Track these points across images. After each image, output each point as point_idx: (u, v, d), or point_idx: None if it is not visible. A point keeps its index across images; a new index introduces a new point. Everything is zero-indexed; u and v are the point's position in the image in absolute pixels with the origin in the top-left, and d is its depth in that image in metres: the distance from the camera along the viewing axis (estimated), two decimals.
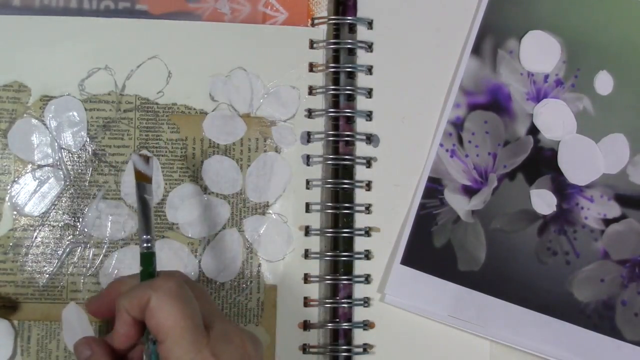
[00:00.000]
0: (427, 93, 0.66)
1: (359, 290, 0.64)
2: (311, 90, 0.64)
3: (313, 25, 0.65)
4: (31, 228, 0.61)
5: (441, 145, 0.65)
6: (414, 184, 0.65)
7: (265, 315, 0.62)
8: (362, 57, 0.65)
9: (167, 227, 0.62)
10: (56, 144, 0.61)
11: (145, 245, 0.52)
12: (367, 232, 0.64)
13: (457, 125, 0.65)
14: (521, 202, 0.65)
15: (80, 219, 0.61)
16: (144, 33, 0.63)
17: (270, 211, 0.63)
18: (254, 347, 0.52)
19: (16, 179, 0.61)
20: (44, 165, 0.61)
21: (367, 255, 0.64)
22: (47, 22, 0.62)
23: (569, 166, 0.65)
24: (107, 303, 0.55)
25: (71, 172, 0.61)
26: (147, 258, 0.52)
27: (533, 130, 0.65)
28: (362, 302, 0.64)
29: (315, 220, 0.64)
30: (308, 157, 0.64)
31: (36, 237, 0.61)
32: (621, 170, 0.65)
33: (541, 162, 0.65)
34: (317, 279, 0.63)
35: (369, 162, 0.65)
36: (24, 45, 0.62)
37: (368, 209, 0.64)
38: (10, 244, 0.61)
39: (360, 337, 0.64)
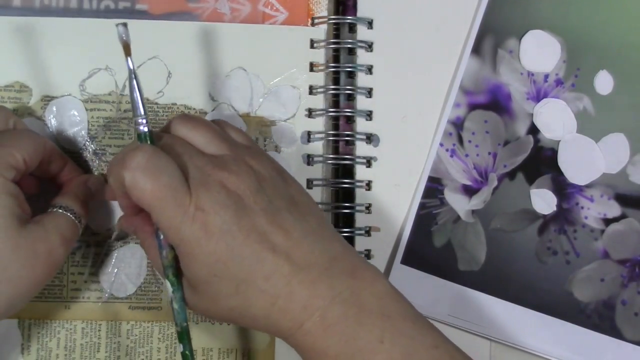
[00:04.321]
0: (427, 93, 0.66)
1: None
2: (311, 90, 0.64)
3: (313, 25, 0.65)
4: None
5: (441, 144, 0.65)
6: (414, 183, 0.65)
7: None
8: (362, 57, 0.65)
9: None
10: (57, 144, 0.62)
11: (141, 121, 0.51)
12: (368, 231, 0.64)
13: (457, 125, 0.65)
14: (521, 202, 0.65)
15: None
16: (144, 34, 0.63)
17: None
18: (239, 179, 0.50)
19: None
20: None
21: (368, 255, 0.64)
22: (48, 23, 0.62)
23: (569, 166, 0.65)
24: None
25: None
26: (145, 139, 0.51)
27: (533, 130, 0.65)
28: None
29: None
30: (309, 156, 0.64)
31: None
32: (621, 170, 0.65)
33: (541, 162, 0.65)
34: None
35: (369, 162, 0.65)
36: (25, 46, 0.62)
37: (368, 208, 0.64)
38: None
39: None
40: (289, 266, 0.49)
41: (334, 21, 0.65)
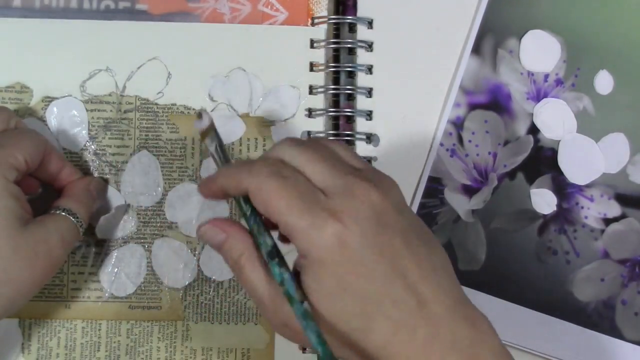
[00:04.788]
0: (427, 93, 0.66)
1: None
2: (311, 90, 0.64)
3: (313, 24, 0.65)
4: None
5: (441, 144, 0.65)
6: (414, 183, 0.65)
7: None
8: (362, 57, 0.65)
9: (167, 226, 0.62)
10: (58, 144, 0.62)
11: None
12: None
13: (457, 124, 0.65)
14: (521, 202, 0.65)
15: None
16: (144, 35, 0.63)
17: None
18: (383, 196, 0.47)
19: None
20: None
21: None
22: (48, 24, 0.63)
23: (569, 166, 0.65)
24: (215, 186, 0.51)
25: None
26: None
27: (533, 130, 0.65)
28: None
29: None
30: None
31: None
32: (621, 169, 0.65)
33: (541, 162, 0.65)
34: None
35: (369, 162, 0.65)
36: (26, 47, 0.62)
37: None
38: None
39: None
40: (415, 298, 0.45)
41: (334, 21, 0.65)
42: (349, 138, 0.64)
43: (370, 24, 0.66)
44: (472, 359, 0.46)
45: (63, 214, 0.56)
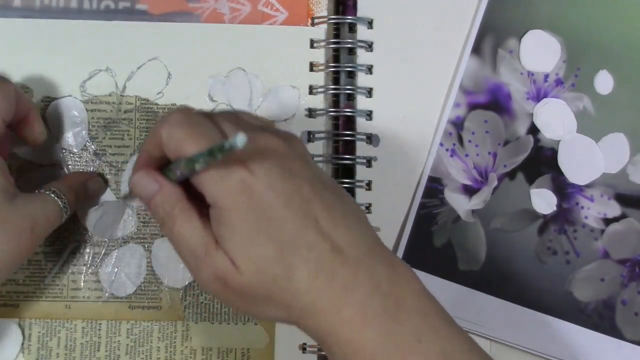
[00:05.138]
0: (427, 93, 0.66)
1: None
2: (311, 90, 0.65)
3: (313, 24, 0.65)
4: None
5: (441, 144, 0.65)
6: (414, 183, 0.65)
7: None
8: (362, 57, 0.65)
9: None
10: (58, 144, 0.62)
11: None
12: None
13: (457, 124, 0.65)
14: (521, 202, 0.65)
15: (81, 218, 0.62)
16: (144, 35, 0.63)
17: None
18: (287, 144, 0.48)
19: (18, 179, 0.61)
20: (46, 165, 0.62)
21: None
22: (49, 25, 0.63)
23: (569, 166, 0.65)
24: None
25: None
26: None
27: (533, 130, 0.65)
28: None
29: None
30: None
31: None
32: (621, 169, 0.65)
33: (541, 162, 0.65)
34: None
35: (369, 162, 0.65)
36: (26, 47, 0.62)
37: (368, 208, 0.65)
38: None
39: None
40: (329, 244, 0.46)
41: (334, 21, 0.65)
42: (349, 138, 0.64)
43: (370, 24, 0.66)
44: (394, 299, 0.47)
45: (51, 195, 0.55)
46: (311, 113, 0.64)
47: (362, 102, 0.65)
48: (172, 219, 0.48)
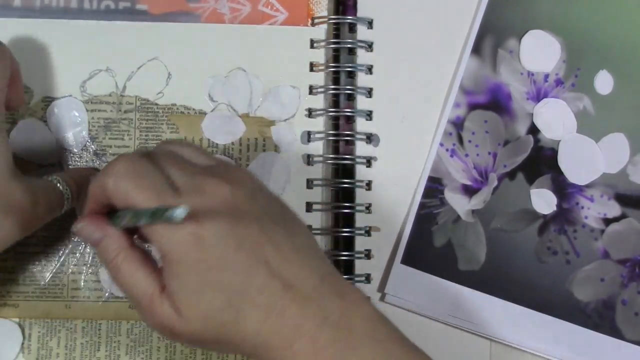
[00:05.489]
0: (427, 93, 0.66)
1: None
2: (311, 90, 0.65)
3: (313, 25, 0.65)
4: None
5: (441, 144, 0.65)
6: (414, 183, 0.65)
7: None
8: (362, 57, 0.65)
9: None
10: (58, 144, 0.62)
11: None
12: (368, 231, 0.64)
13: (457, 124, 0.65)
14: (521, 202, 0.65)
15: None
16: (144, 35, 0.63)
17: None
18: (234, 187, 0.48)
19: None
20: (46, 165, 0.62)
21: (368, 254, 0.64)
22: (49, 24, 0.63)
23: (569, 166, 0.65)
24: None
25: None
26: None
27: (533, 130, 0.65)
28: None
29: (316, 219, 0.64)
30: (309, 156, 0.64)
31: (37, 236, 0.61)
32: (621, 169, 0.65)
33: (541, 162, 0.65)
34: None
35: (369, 162, 0.65)
36: (26, 47, 0.62)
37: (368, 208, 0.65)
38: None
39: None
40: (280, 282, 0.47)
41: (334, 21, 0.65)
42: (349, 138, 0.64)
43: (370, 24, 0.66)
44: (345, 328, 0.47)
45: (54, 181, 0.55)
46: (311, 113, 0.64)
47: (362, 102, 0.65)
48: (115, 267, 0.49)
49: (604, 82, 0.65)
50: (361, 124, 0.65)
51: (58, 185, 0.55)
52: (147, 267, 0.49)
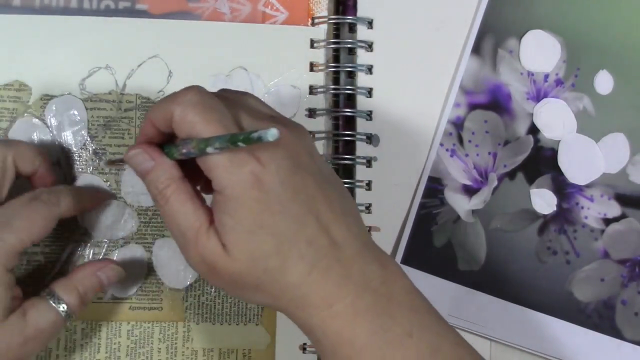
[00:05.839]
0: (427, 93, 0.66)
1: None
2: (312, 90, 0.64)
3: (313, 24, 0.65)
4: None
5: (441, 144, 0.65)
6: (414, 183, 0.65)
7: (265, 315, 0.62)
8: (362, 57, 0.65)
9: None
10: (57, 143, 0.61)
11: None
12: (368, 231, 0.64)
13: (457, 124, 0.65)
14: (521, 202, 0.65)
15: (81, 218, 0.61)
16: (144, 32, 0.63)
17: None
18: (295, 137, 0.48)
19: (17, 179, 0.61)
20: None
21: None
22: (47, 21, 0.62)
23: (569, 166, 0.65)
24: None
25: (72, 171, 0.61)
26: None
27: (533, 130, 0.65)
28: None
29: None
30: None
31: None
32: (621, 169, 0.65)
33: (541, 162, 0.65)
34: None
35: (369, 162, 0.65)
36: (25, 44, 0.62)
37: (368, 208, 0.64)
38: None
39: None
40: (328, 240, 0.47)
41: (334, 21, 0.65)
42: (349, 138, 0.64)
43: (370, 24, 0.66)
44: (385, 296, 0.47)
45: (50, 302, 0.54)
46: (311, 113, 0.64)
47: (362, 102, 0.65)
48: (164, 198, 0.48)
49: (604, 82, 0.66)
50: (361, 124, 0.65)
51: (53, 304, 0.54)
52: (196, 201, 0.48)
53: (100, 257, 0.61)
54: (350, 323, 0.46)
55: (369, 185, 0.65)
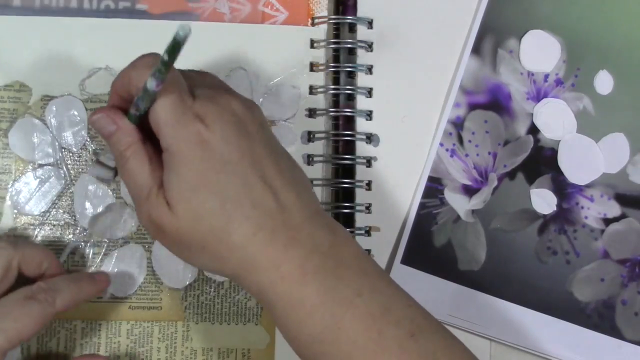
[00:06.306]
0: (427, 93, 0.66)
1: None
2: (311, 90, 0.64)
3: (313, 24, 0.65)
4: (31, 227, 0.61)
5: (441, 144, 0.65)
6: (414, 183, 0.65)
7: (265, 315, 0.62)
8: (362, 57, 0.65)
9: None
10: (57, 144, 0.62)
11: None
12: (368, 231, 0.64)
13: (457, 124, 0.65)
14: (521, 202, 0.65)
15: (81, 218, 0.62)
16: (144, 33, 0.63)
17: None
18: (245, 108, 0.50)
19: (17, 178, 0.61)
20: (45, 165, 0.62)
21: (368, 254, 0.64)
22: (47, 22, 0.62)
23: (569, 166, 0.65)
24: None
25: (72, 171, 0.62)
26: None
27: (533, 130, 0.65)
28: None
29: None
30: (309, 156, 0.64)
31: (37, 236, 0.61)
32: (621, 169, 0.65)
33: (541, 162, 0.65)
34: None
35: (369, 162, 0.65)
36: (25, 45, 0.62)
37: (368, 208, 0.64)
38: None
39: None
40: (275, 203, 0.48)
41: (334, 21, 0.65)
42: (349, 138, 0.64)
43: (370, 24, 0.66)
44: (334, 258, 0.48)
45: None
46: (311, 113, 0.64)
47: (362, 102, 0.65)
48: (124, 158, 0.50)
49: (604, 82, 0.66)
50: (361, 124, 0.65)
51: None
52: (153, 164, 0.50)
53: (100, 257, 0.62)
54: (299, 284, 0.47)
55: (369, 185, 0.65)
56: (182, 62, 0.62)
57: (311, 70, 0.65)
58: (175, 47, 0.44)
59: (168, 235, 0.48)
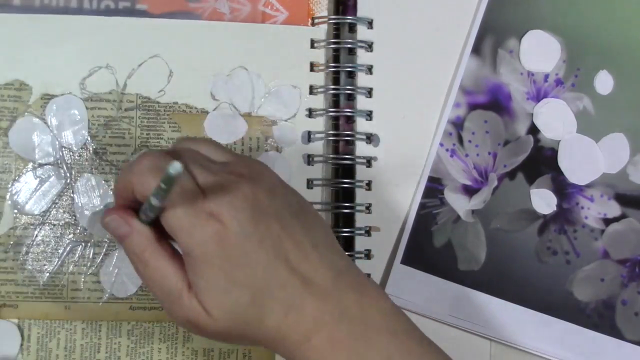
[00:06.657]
0: (427, 93, 0.66)
1: None
2: (312, 90, 0.64)
3: (313, 24, 0.65)
4: (32, 226, 0.61)
5: (441, 144, 0.65)
6: (414, 183, 0.65)
7: None
8: (362, 57, 0.65)
9: None
10: (57, 143, 0.61)
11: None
12: (368, 231, 0.64)
13: (457, 124, 0.65)
14: (521, 202, 0.65)
15: (81, 218, 0.61)
16: (145, 32, 0.63)
17: None
18: (253, 184, 0.48)
19: (17, 178, 0.61)
20: (45, 164, 0.61)
21: (368, 254, 0.64)
22: (48, 20, 0.62)
23: (569, 166, 0.65)
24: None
25: (72, 171, 0.61)
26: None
27: (533, 130, 0.65)
28: None
29: None
30: (309, 156, 0.64)
31: (37, 236, 0.61)
32: (621, 169, 0.66)
33: (541, 162, 0.65)
34: None
35: (369, 162, 0.65)
36: (25, 44, 0.62)
37: (368, 208, 0.64)
38: (11, 243, 0.61)
39: None
40: (299, 278, 0.48)
41: (334, 21, 0.65)
42: (349, 138, 0.64)
43: (370, 24, 0.66)
44: (362, 323, 0.48)
45: None
46: (311, 113, 0.64)
47: (362, 102, 0.65)
48: (142, 262, 0.49)
49: (604, 82, 0.66)
50: (361, 124, 0.65)
51: None
52: (175, 263, 0.49)
53: (101, 257, 0.61)
54: (330, 353, 0.48)
55: (369, 185, 0.65)
56: (183, 62, 0.63)
57: (311, 70, 0.65)
58: (169, 181, 0.43)
59: (208, 334, 0.49)
